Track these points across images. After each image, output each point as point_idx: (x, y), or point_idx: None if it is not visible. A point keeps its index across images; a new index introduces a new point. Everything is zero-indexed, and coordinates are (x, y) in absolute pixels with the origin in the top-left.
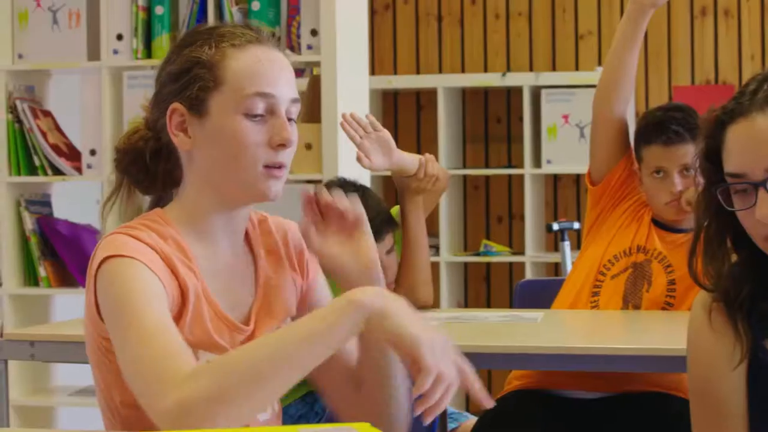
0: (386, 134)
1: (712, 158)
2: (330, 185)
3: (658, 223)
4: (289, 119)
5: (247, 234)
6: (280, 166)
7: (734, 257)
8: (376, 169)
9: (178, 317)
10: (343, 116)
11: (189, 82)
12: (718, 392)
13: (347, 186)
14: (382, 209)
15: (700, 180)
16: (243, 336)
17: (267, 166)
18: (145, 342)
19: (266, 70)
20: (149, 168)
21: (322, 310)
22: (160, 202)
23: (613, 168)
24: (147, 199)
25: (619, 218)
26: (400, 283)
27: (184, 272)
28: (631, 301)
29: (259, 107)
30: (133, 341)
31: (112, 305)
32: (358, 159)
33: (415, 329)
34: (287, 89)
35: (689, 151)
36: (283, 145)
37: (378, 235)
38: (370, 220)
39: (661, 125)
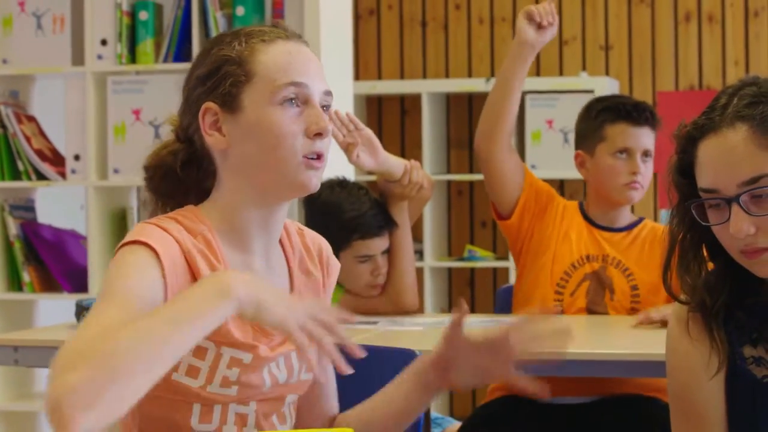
0: (369, 132)
1: (686, 173)
2: (331, 185)
3: (595, 223)
4: (324, 108)
5: (281, 245)
6: (319, 156)
7: (710, 266)
8: (362, 167)
9: None
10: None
11: (220, 80)
12: (697, 400)
13: (349, 186)
14: (382, 208)
15: (674, 194)
16: (273, 340)
17: (306, 157)
18: (81, 328)
19: (296, 60)
20: (181, 180)
21: (193, 295)
22: None
23: (522, 192)
24: None
25: (552, 230)
26: (385, 288)
27: (206, 272)
28: (596, 311)
29: (293, 97)
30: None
31: (103, 285)
32: (347, 153)
33: (281, 313)
34: (318, 80)
35: (652, 138)
36: (320, 134)
37: (379, 231)
38: (373, 217)
39: (637, 107)
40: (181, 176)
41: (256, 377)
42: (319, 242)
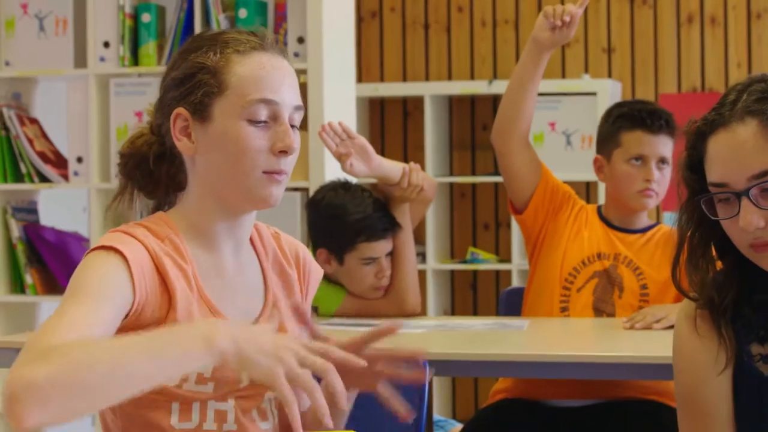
0: (362, 140)
1: (695, 168)
2: (334, 187)
3: (611, 225)
4: (292, 126)
5: (253, 244)
6: (280, 172)
7: (718, 265)
8: (356, 175)
9: (164, 316)
10: (322, 126)
11: (193, 87)
12: (704, 398)
13: (352, 188)
14: (386, 210)
15: (683, 190)
16: None
17: (267, 172)
18: (44, 325)
19: (270, 76)
20: (153, 172)
21: (179, 336)
22: (162, 207)
23: (536, 189)
24: (150, 205)
25: (564, 228)
26: (388, 291)
27: (174, 274)
28: (604, 310)
29: (262, 113)
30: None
31: (68, 287)
32: (340, 161)
33: (266, 366)
34: (290, 96)
35: (669, 146)
36: (284, 152)
37: (384, 233)
38: (378, 219)
39: (653, 114)
40: (153, 169)
41: (232, 372)
42: (296, 247)
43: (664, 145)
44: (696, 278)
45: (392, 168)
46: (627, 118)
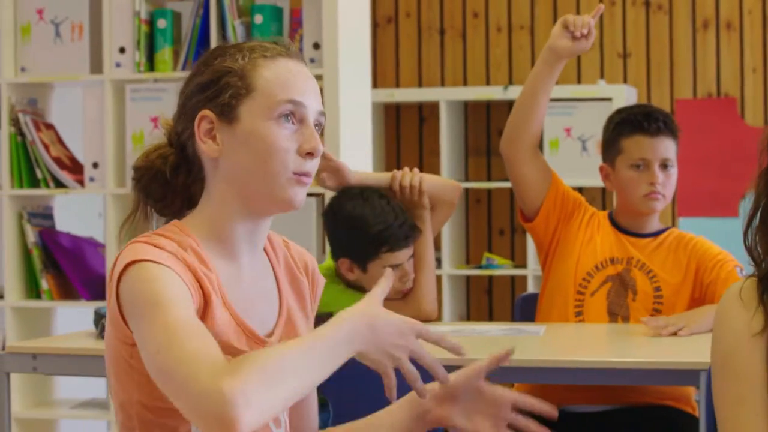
0: (337, 163)
1: None
2: (351, 196)
3: (623, 229)
4: (316, 127)
5: (266, 252)
6: (307, 174)
7: None
8: (328, 188)
9: (202, 321)
10: None
11: (220, 90)
12: (739, 359)
13: (370, 197)
14: (405, 215)
15: (765, 159)
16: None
17: (295, 173)
18: (174, 341)
19: (296, 79)
20: (169, 184)
21: (333, 340)
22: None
23: (546, 196)
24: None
25: (577, 235)
26: (405, 296)
27: (204, 279)
28: (618, 313)
29: (290, 114)
30: (162, 339)
31: (139, 305)
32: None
33: (384, 359)
34: (315, 101)
35: (670, 147)
36: (311, 154)
37: (407, 241)
38: (398, 227)
39: (650, 117)
40: (170, 180)
41: None
42: (305, 257)
43: (665, 147)
44: (762, 246)
45: (379, 177)
46: (625, 124)
